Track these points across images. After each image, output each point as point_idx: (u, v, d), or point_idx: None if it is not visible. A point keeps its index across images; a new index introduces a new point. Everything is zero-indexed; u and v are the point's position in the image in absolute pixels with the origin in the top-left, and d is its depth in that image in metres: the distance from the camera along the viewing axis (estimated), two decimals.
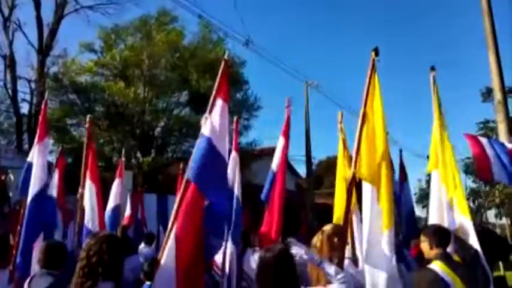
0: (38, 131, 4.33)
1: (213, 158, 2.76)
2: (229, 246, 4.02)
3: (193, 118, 15.01)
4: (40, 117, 4.49)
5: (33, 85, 13.95)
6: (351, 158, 4.21)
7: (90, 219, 3.97)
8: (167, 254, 2.67)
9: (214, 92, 2.90)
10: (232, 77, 17.02)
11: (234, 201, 4.18)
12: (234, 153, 4.59)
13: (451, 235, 3.10)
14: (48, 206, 4.19)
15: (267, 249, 2.57)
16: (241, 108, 17.77)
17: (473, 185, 22.77)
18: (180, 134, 15.79)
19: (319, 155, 43.82)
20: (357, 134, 2.84)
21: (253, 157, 17.66)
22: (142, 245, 6.97)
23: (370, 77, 2.90)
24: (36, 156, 4.20)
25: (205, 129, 2.80)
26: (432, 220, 3.41)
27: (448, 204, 3.29)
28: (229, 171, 4.45)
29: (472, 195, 22.73)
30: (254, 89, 28.35)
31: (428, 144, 3.61)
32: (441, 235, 3.04)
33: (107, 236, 2.66)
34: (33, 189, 4.06)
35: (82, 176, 4.02)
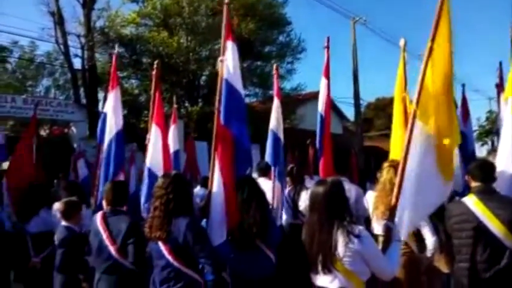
0: (110, 81, 4.64)
1: (233, 97, 3.03)
2: (276, 183, 4.26)
3: None
4: (112, 68, 4.84)
5: (82, 40, 14.39)
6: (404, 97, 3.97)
7: (155, 162, 3.91)
8: (217, 188, 2.86)
9: (223, 37, 3.13)
10: (274, 18, 16.39)
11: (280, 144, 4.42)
12: (276, 100, 4.59)
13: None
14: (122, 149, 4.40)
15: (319, 182, 2.63)
16: (284, 52, 17.25)
17: None
18: None
19: (367, 97, 42.18)
20: (422, 68, 2.63)
21: (298, 102, 17.40)
22: (198, 188, 7.39)
23: (441, 7, 2.61)
24: (111, 103, 4.42)
25: (223, 72, 3.05)
26: (502, 150, 3.24)
27: None
28: (273, 118, 4.51)
29: None
30: (297, 30, 27.14)
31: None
32: (481, 169, 2.97)
33: (179, 175, 2.89)
34: (109, 134, 4.29)
35: (150, 121, 4.05)
